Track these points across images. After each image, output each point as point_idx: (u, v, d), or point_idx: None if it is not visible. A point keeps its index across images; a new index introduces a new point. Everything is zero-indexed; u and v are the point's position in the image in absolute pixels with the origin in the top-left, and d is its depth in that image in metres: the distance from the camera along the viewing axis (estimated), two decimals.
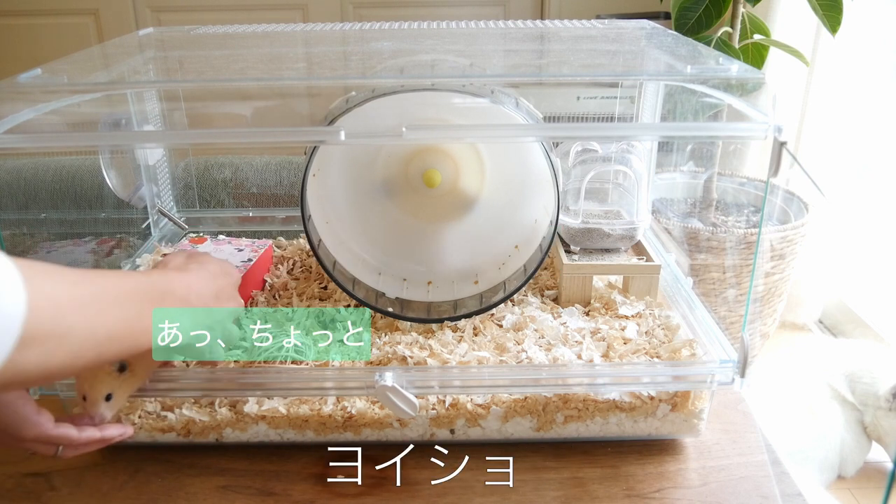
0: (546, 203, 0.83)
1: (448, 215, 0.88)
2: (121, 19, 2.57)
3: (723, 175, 1.89)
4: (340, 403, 0.72)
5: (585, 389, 0.71)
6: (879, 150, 1.98)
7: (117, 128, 0.90)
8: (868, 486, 1.57)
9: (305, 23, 1.42)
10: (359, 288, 0.84)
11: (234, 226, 1.10)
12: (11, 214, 1.32)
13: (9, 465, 0.72)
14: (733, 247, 1.63)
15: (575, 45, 0.91)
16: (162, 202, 1.05)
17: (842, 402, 1.61)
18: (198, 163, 1.35)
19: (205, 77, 0.78)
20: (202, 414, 0.71)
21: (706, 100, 0.74)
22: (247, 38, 0.97)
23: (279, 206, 1.32)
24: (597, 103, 1.76)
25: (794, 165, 0.63)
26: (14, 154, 1.40)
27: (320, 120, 0.76)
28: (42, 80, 0.70)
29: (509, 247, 0.88)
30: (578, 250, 0.90)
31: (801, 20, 1.90)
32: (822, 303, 2.12)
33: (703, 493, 0.68)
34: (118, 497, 0.68)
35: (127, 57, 0.89)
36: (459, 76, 0.78)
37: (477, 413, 0.71)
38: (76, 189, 1.33)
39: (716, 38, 1.69)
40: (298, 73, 0.81)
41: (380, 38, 0.94)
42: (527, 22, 1.05)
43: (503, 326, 0.82)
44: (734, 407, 0.79)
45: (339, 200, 0.87)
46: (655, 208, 1.31)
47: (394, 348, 0.76)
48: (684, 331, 0.79)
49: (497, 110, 0.75)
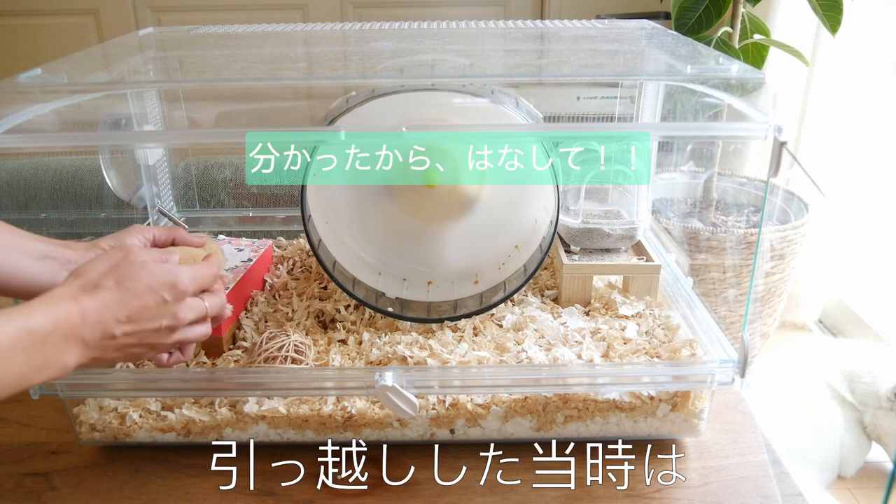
0: (546, 203, 0.83)
1: (448, 215, 0.88)
2: (121, 19, 2.57)
3: (723, 175, 1.89)
4: (340, 403, 0.72)
5: (585, 389, 0.71)
6: (879, 150, 1.98)
7: (117, 128, 0.90)
8: (868, 486, 1.57)
9: (305, 23, 1.42)
10: (359, 288, 0.84)
11: (234, 226, 1.10)
12: (11, 214, 1.32)
13: (9, 465, 0.72)
14: (733, 247, 1.63)
15: (575, 45, 0.91)
16: (162, 202, 1.05)
17: (841, 402, 1.61)
18: (198, 163, 1.35)
19: (205, 77, 0.78)
20: (202, 414, 0.71)
21: (706, 100, 0.74)
22: (247, 38, 0.97)
23: (279, 206, 1.32)
24: (597, 103, 1.76)
25: (794, 165, 0.63)
26: (14, 154, 1.40)
27: (320, 120, 0.76)
28: (42, 80, 0.70)
29: (509, 247, 0.88)
30: (578, 250, 0.90)
31: (801, 20, 1.90)
32: (822, 303, 2.12)
33: (703, 493, 0.68)
34: (118, 497, 0.68)
35: (127, 57, 0.89)
36: (459, 76, 0.78)
37: (477, 413, 0.71)
38: (76, 189, 1.33)
39: (716, 38, 1.69)
40: (298, 73, 0.81)
41: (380, 38, 0.94)
42: (527, 22, 1.05)
43: (503, 326, 0.82)
44: (734, 407, 0.79)
45: (339, 200, 0.87)
46: (655, 208, 1.32)
47: (394, 348, 0.76)
48: (684, 331, 0.79)
49: (497, 110, 0.75)
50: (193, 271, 0.62)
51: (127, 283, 0.57)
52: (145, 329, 0.58)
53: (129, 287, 0.57)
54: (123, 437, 0.72)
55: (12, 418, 0.78)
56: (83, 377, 0.71)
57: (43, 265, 0.62)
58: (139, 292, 0.57)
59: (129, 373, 0.75)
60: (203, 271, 0.63)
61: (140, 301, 0.57)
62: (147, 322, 0.58)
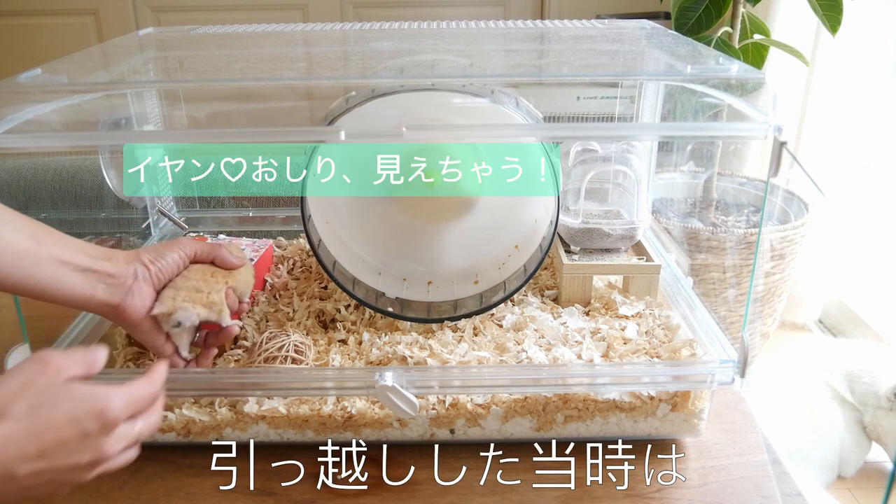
0: (546, 203, 0.83)
1: (448, 215, 0.88)
2: (121, 19, 2.57)
3: (723, 175, 1.89)
4: (340, 403, 0.72)
5: (585, 389, 0.71)
6: (879, 150, 1.98)
7: (117, 128, 0.90)
8: (868, 486, 1.57)
9: (305, 23, 1.42)
10: (359, 288, 0.84)
11: (234, 226, 1.10)
12: None
13: None
14: (733, 247, 1.63)
15: (575, 45, 0.91)
16: (162, 202, 1.05)
17: (841, 402, 1.61)
18: None
19: (205, 77, 0.78)
20: (202, 414, 0.71)
21: (706, 100, 0.74)
22: (247, 38, 0.97)
23: (279, 206, 1.32)
24: (597, 103, 1.76)
25: (794, 165, 0.63)
26: (14, 154, 1.40)
27: (320, 120, 0.76)
28: (42, 80, 0.70)
29: (509, 247, 0.88)
30: (578, 250, 0.90)
31: (801, 20, 1.90)
32: (822, 303, 2.12)
33: (703, 493, 0.68)
34: (118, 497, 0.68)
35: (127, 57, 0.89)
36: (459, 76, 0.78)
37: (477, 413, 0.71)
38: (76, 189, 1.33)
39: (716, 38, 1.69)
40: (298, 73, 0.81)
41: (380, 38, 0.94)
42: (527, 22, 1.05)
43: (503, 326, 0.82)
44: (734, 407, 0.79)
45: (339, 201, 0.87)
46: (655, 208, 1.31)
47: (394, 348, 0.76)
48: (684, 331, 0.79)
49: (497, 110, 0.75)
50: (129, 393, 0.52)
51: (41, 412, 0.47)
52: (58, 467, 0.48)
53: (42, 416, 0.47)
54: None
55: None
56: None
57: (83, 278, 0.61)
58: (55, 424, 0.47)
59: (129, 373, 0.75)
60: (140, 391, 0.54)
61: (56, 435, 0.47)
62: (62, 459, 0.48)
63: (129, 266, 0.64)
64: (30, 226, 0.59)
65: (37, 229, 0.59)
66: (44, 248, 0.59)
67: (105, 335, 0.80)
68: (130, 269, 0.64)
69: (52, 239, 0.60)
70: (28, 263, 0.57)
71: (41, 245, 0.59)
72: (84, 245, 0.62)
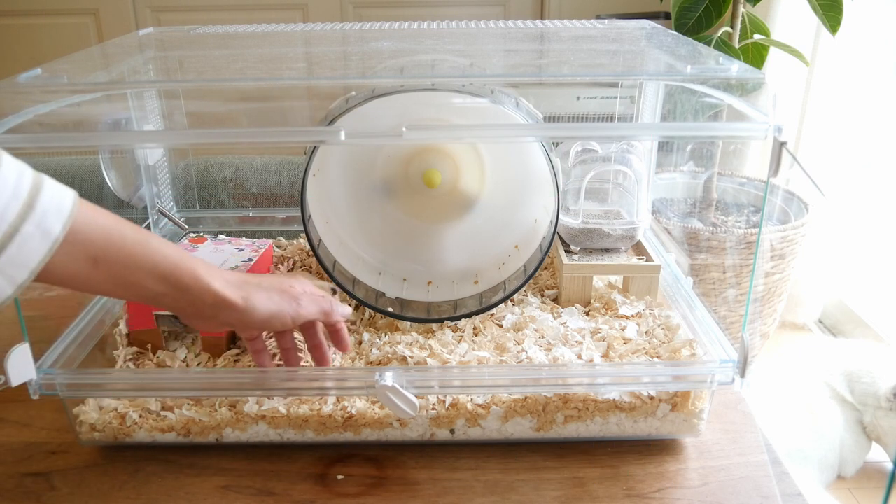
0: (546, 203, 0.83)
1: (448, 215, 0.88)
2: (121, 19, 2.57)
3: (723, 175, 1.89)
4: (340, 403, 0.72)
5: (585, 389, 0.71)
6: (879, 150, 1.98)
7: (117, 128, 0.90)
8: (868, 486, 1.57)
9: (305, 23, 1.42)
10: (359, 288, 0.84)
11: (234, 226, 1.10)
12: None
13: (9, 465, 0.72)
14: (733, 247, 1.63)
15: (575, 45, 0.91)
16: (162, 202, 1.05)
17: (841, 402, 1.61)
18: (198, 163, 1.35)
19: (205, 77, 0.78)
20: (202, 414, 0.71)
21: (706, 100, 0.74)
22: (247, 38, 0.97)
23: (279, 206, 1.32)
24: (597, 103, 1.76)
25: (794, 165, 0.63)
26: (14, 154, 1.39)
27: (320, 120, 0.76)
28: (42, 80, 0.70)
29: (509, 247, 0.88)
30: (578, 250, 0.90)
31: (801, 20, 1.90)
32: (822, 303, 2.12)
33: (703, 493, 0.68)
34: (118, 497, 0.68)
35: (127, 57, 0.89)
36: (459, 76, 0.78)
37: (477, 413, 0.71)
38: (76, 189, 1.32)
39: (716, 38, 1.69)
40: (298, 73, 0.81)
41: (380, 38, 0.94)
42: (527, 22, 1.05)
43: (503, 326, 0.82)
44: (734, 407, 0.79)
45: (339, 200, 0.87)
46: (655, 208, 1.31)
47: (394, 348, 0.76)
48: (684, 331, 0.79)
49: (497, 110, 0.75)
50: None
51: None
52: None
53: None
54: (123, 437, 0.72)
55: (12, 418, 0.78)
56: (83, 377, 0.71)
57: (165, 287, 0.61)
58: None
59: (129, 373, 0.75)
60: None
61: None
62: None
63: None
64: None
65: None
66: None
67: (105, 335, 0.80)
68: None
69: (151, 246, 0.61)
70: None
71: None
72: (181, 251, 0.64)
